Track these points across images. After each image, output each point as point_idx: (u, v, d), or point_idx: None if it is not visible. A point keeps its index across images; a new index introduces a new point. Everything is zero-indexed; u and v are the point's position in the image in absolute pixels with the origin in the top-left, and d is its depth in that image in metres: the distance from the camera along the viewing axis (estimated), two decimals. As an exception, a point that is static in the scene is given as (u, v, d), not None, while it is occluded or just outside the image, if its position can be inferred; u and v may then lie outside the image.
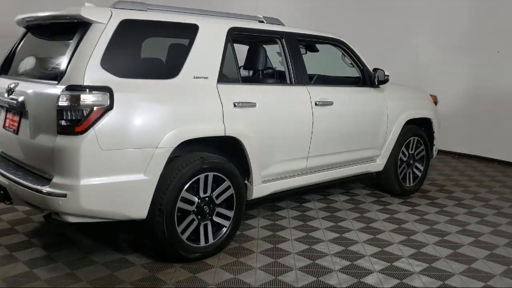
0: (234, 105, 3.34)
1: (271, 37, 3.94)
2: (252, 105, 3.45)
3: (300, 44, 4.26)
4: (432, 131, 5.17)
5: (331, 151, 4.13)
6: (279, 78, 4.65)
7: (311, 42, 4.48)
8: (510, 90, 6.55)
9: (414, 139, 4.92)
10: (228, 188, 3.33)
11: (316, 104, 3.90)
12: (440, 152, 7.30)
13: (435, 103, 5.32)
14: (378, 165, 4.66)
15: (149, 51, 3.54)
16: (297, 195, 4.72)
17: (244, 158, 3.47)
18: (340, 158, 4.24)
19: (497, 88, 6.70)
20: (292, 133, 3.76)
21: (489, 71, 6.78)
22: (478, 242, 3.74)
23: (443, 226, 4.08)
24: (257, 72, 4.77)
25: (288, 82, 3.90)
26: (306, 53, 4.81)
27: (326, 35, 4.31)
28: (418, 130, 4.95)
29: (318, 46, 4.75)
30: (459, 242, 3.72)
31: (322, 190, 4.94)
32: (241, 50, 4.20)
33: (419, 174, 5.07)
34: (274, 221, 4.07)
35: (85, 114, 2.71)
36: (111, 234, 3.69)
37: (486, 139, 6.91)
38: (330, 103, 4.02)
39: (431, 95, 5.30)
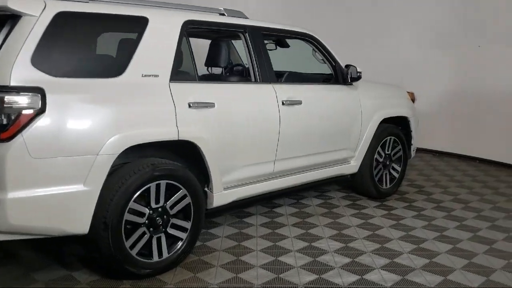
0: (189, 106, 3.04)
1: (232, 31, 3.65)
2: (210, 105, 3.16)
3: (267, 39, 3.98)
4: (409, 130, 4.93)
5: (301, 153, 3.86)
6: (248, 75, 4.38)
7: (278, 37, 4.20)
8: (491, 86, 6.36)
9: (390, 138, 4.67)
10: (184, 197, 3.04)
11: (283, 104, 3.62)
12: (420, 150, 7.10)
13: (413, 100, 5.08)
14: (352, 167, 4.40)
15: (107, 47, 3.24)
16: (268, 200, 4.45)
17: (202, 164, 3.18)
18: (310, 161, 3.97)
19: (478, 84, 6.50)
20: (257, 136, 3.48)
21: (470, 67, 6.58)
22: (456, 250, 3.51)
23: (420, 232, 3.84)
24: (227, 69, 4.49)
25: (253, 79, 3.61)
26: (276, 48, 4.55)
27: (294, 29, 4.03)
28: (395, 129, 4.71)
29: (289, 41, 4.49)
30: (435, 250, 3.47)
31: (295, 193, 4.67)
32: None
33: (396, 175, 4.83)
34: (240, 230, 3.79)
35: (11, 119, 2.39)
36: (57, 247, 3.37)
37: (468, 137, 6.71)
38: (299, 102, 3.74)
39: (408, 92, 5.06)
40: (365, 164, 4.48)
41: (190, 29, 3.26)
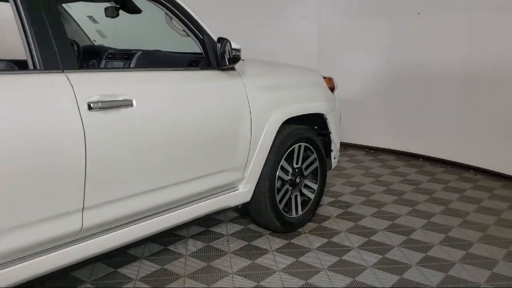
0: None
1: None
2: None
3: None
4: (328, 132, 3.50)
5: (136, 189, 2.31)
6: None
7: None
8: (434, 63, 5.06)
9: (300, 146, 3.23)
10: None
11: (90, 108, 2.04)
12: (351, 147, 5.75)
13: (332, 89, 3.65)
14: (241, 194, 2.92)
15: None
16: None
17: None
18: (157, 200, 2.42)
19: (419, 62, 5.18)
20: (36, 171, 1.89)
21: (408, 40, 5.25)
22: None
23: (339, 301, 2.44)
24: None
25: (31, 67, 1.99)
26: (117, 15, 2.94)
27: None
28: (306, 132, 3.26)
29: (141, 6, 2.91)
30: None
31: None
32: None
33: (312, 195, 3.41)
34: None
35: None
36: None
37: (409, 130, 5.43)
38: (127, 104, 2.18)
39: (325, 78, 3.62)
40: (262, 187, 3.01)
41: None
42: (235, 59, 2.60)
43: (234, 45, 2.58)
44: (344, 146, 5.92)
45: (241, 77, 2.79)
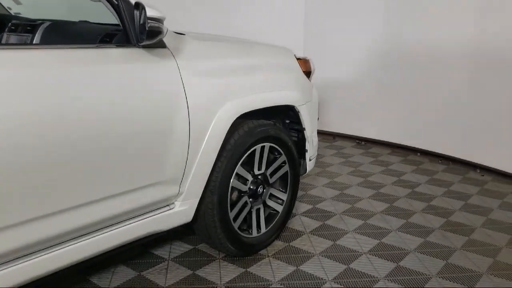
0: None
1: None
2: None
3: None
4: (301, 127, 2.78)
5: (19, 218, 1.60)
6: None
7: None
8: (438, 40, 4.30)
9: (263, 147, 2.51)
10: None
11: None
12: (340, 137, 5.03)
13: (308, 73, 2.90)
14: (178, 214, 2.20)
15: None
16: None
17: None
18: (44, 230, 1.71)
19: (420, 38, 4.43)
20: None
21: (407, 13, 4.48)
22: None
23: None
24: None
25: None
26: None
27: None
28: (272, 129, 2.53)
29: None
30: None
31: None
32: None
33: (280, 208, 2.71)
34: None
35: None
36: None
37: (406, 120, 4.70)
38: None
39: (300, 59, 2.87)
40: (208, 204, 2.30)
41: None
42: (153, 33, 1.85)
43: (151, 13, 1.82)
44: (332, 136, 5.19)
45: (175, 58, 2.04)
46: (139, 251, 2.60)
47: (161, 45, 2.01)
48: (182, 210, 2.20)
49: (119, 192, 1.90)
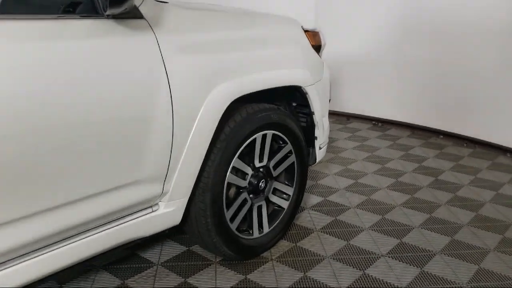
0: None
1: None
2: None
3: None
4: (310, 110, 2.41)
5: None
6: None
7: None
8: (465, 9, 3.85)
9: (264, 136, 2.15)
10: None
11: None
12: (355, 118, 4.64)
13: (318, 48, 2.51)
14: (164, 217, 1.86)
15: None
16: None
17: None
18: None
19: (444, 7, 3.98)
20: None
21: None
22: None
23: None
24: None
25: None
26: None
27: None
28: (275, 114, 2.16)
29: None
30: None
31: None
32: None
33: (285, 203, 2.36)
34: None
35: None
36: None
37: (427, 99, 4.28)
38: None
39: (308, 31, 2.47)
40: (199, 204, 1.97)
41: None
42: (117, 1, 1.48)
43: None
44: (346, 117, 4.80)
45: (154, 31, 1.68)
46: (125, 254, 2.29)
47: (136, 15, 1.64)
48: (168, 212, 1.87)
49: (86, 195, 1.57)
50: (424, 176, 3.30)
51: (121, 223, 1.75)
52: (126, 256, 2.27)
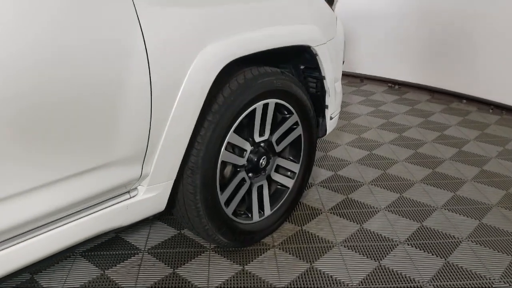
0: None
1: None
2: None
3: None
4: (320, 74, 2.06)
5: None
6: None
7: None
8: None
9: (266, 105, 1.82)
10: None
11: None
12: (368, 80, 4.27)
13: (330, 0, 2.12)
14: (144, 203, 1.57)
15: None
16: None
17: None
18: None
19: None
20: None
21: None
22: None
23: None
24: None
25: None
26: None
27: None
28: (278, 79, 1.82)
29: None
30: None
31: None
32: None
33: (290, 182, 2.06)
34: None
35: None
36: None
37: (449, 58, 3.88)
38: None
39: (319, -21, 2.09)
40: (188, 186, 1.66)
41: None
42: None
43: None
44: (359, 78, 4.42)
45: (125, -25, 1.33)
46: (108, 237, 2.03)
47: (100, -46, 1.29)
48: (149, 198, 1.57)
49: (49, 181, 1.28)
50: (446, 147, 2.97)
51: (92, 213, 1.46)
52: (109, 241, 2.01)
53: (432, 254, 1.93)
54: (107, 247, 1.97)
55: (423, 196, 2.38)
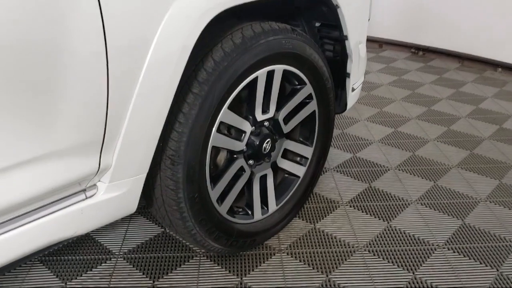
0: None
1: None
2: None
3: None
4: (341, 34, 1.61)
5: None
6: None
7: None
8: None
9: (271, 73, 1.39)
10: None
11: None
12: (389, 45, 3.80)
13: None
14: (106, 205, 1.17)
15: None
16: None
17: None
18: None
19: None
20: None
21: None
22: None
23: None
24: None
25: None
26: None
27: None
28: (287, 39, 1.38)
29: None
30: None
31: None
32: None
33: (301, 170, 1.65)
34: None
35: None
36: None
37: (481, 20, 3.38)
38: None
39: None
40: (167, 181, 1.26)
41: None
42: None
43: None
44: (379, 43, 3.94)
45: None
46: (77, 238, 1.64)
47: None
48: (113, 198, 1.17)
49: None
50: (483, 124, 2.53)
51: (33, 220, 1.07)
52: (76, 242, 1.63)
53: (478, 262, 1.52)
54: (72, 250, 1.59)
55: (463, 185, 1.96)
